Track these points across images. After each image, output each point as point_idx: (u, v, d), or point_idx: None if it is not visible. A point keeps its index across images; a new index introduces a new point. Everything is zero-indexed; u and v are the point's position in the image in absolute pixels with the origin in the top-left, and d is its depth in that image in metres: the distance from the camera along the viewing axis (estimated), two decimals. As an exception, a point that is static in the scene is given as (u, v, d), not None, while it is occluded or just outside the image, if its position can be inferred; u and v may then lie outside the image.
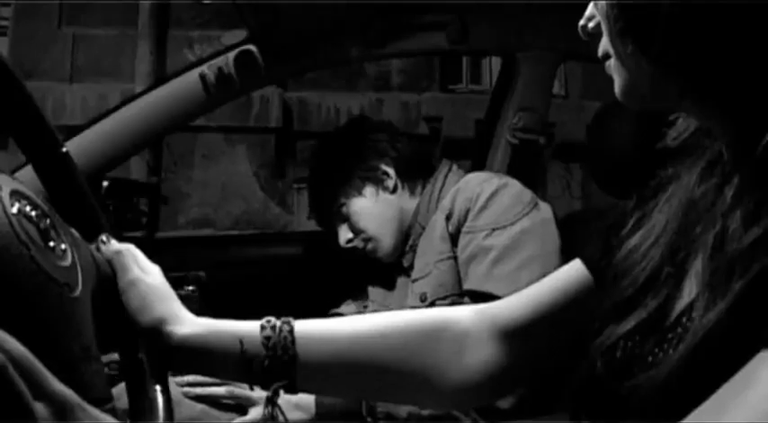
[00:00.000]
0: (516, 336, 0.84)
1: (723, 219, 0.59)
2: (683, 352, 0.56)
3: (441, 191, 1.61)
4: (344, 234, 1.67)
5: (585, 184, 5.17)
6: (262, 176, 4.09)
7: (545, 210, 1.49)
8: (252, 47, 1.71)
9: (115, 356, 0.78)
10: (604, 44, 0.67)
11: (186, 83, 1.72)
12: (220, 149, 4.07)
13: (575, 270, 0.82)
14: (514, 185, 1.50)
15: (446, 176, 1.64)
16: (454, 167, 1.68)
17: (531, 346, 0.84)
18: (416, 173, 1.66)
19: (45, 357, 0.45)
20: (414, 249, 1.60)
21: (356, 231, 1.65)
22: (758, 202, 0.56)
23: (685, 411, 0.51)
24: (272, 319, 0.82)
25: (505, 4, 1.76)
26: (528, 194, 1.49)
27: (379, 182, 1.64)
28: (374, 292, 1.73)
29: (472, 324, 0.85)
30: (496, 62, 3.61)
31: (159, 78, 3.63)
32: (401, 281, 1.65)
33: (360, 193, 1.64)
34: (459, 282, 1.46)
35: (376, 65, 4.05)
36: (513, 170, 1.84)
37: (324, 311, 1.68)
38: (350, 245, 1.67)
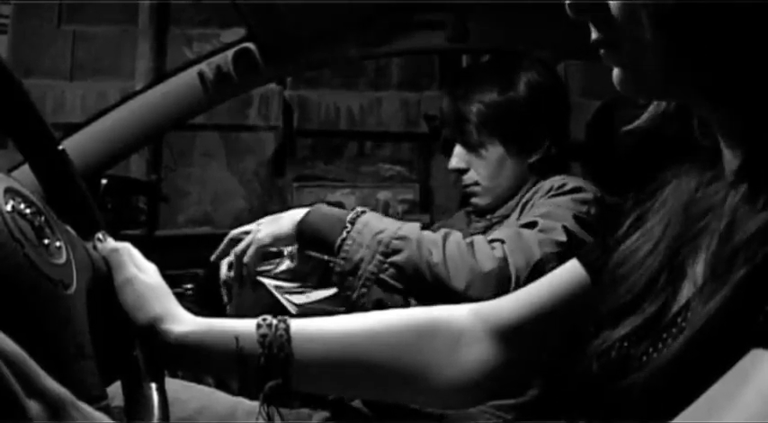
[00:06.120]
0: (511, 335, 0.84)
1: (728, 213, 0.57)
2: (677, 348, 0.56)
3: (529, 190, 1.49)
4: (459, 161, 1.53)
5: (585, 184, 5.16)
6: (261, 175, 4.08)
7: None
8: (250, 45, 1.71)
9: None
10: (602, 29, 0.60)
11: (185, 81, 1.72)
12: (220, 147, 4.06)
13: (571, 270, 0.82)
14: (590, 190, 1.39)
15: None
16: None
17: (526, 345, 0.84)
18: (549, 169, 1.49)
19: (38, 355, 0.45)
20: (488, 226, 1.50)
21: (473, 168, 1.52)
22: (759, 192, 0.55)
23: (678, 410, 0.51)
24: (269, 317, 0.82)
25: (504, 2, 1.76)
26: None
27: (525, 151, 1.48)
28: None
29: (467, 323, 0.85)
30: (496, 61, 3.58)
31: (158, 76, 3.63)
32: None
33: (505, 146, 1.48)
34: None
35: (375, 63, 4.04)
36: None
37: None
38: (455, 172, 1.55)
